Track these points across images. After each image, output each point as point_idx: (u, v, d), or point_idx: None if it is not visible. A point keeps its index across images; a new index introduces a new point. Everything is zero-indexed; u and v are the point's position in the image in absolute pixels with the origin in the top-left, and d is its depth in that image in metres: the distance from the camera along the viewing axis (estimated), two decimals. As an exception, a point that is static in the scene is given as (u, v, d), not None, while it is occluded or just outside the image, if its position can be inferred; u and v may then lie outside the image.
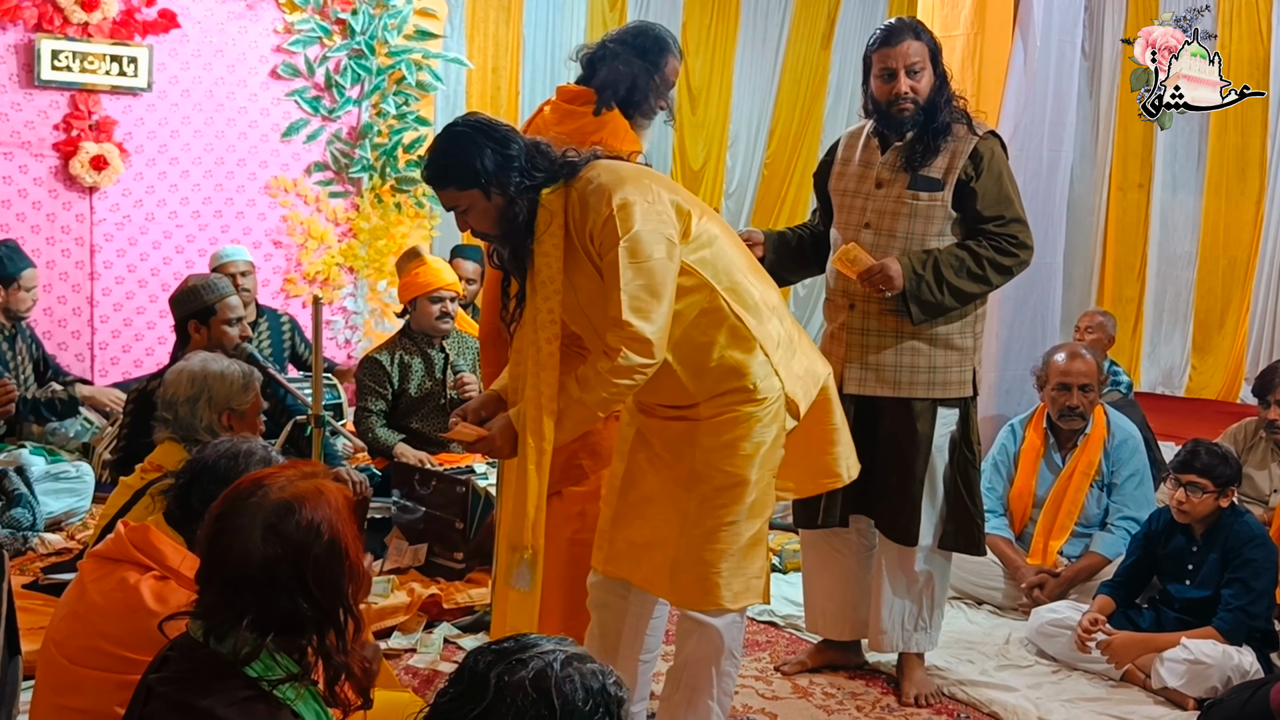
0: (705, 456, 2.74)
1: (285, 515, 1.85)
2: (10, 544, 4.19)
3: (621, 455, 2.95)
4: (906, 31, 3.46)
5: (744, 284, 2.75)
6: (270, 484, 1.89)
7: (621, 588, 2.95)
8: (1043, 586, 4.21)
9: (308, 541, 1.84)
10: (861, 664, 3.81)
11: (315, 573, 1.84)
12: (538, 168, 2.64)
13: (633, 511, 2.88)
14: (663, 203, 2.64)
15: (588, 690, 1.61)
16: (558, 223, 2.65)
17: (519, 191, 2.62)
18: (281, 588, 1.83)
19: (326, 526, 1.86)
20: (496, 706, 1.58)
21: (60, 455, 4.96)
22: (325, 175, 6.81)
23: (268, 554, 1.83)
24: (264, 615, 1.82)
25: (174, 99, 6.37)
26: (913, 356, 3.47)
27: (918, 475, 3.51)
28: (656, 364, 2.60)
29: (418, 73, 6.92)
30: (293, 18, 6.59)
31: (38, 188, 6.12)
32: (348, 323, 6.95)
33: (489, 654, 1.65)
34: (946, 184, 3.44)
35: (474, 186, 2.62)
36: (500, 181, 2.61)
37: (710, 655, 2.82)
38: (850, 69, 9.44)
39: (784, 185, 9.96)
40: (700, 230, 2.70)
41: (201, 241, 6.50)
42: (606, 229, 2.58)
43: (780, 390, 2.75)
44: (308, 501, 1.87)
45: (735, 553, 2.74)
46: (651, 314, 2.56)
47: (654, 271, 2.57)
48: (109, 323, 6.35)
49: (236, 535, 1.84)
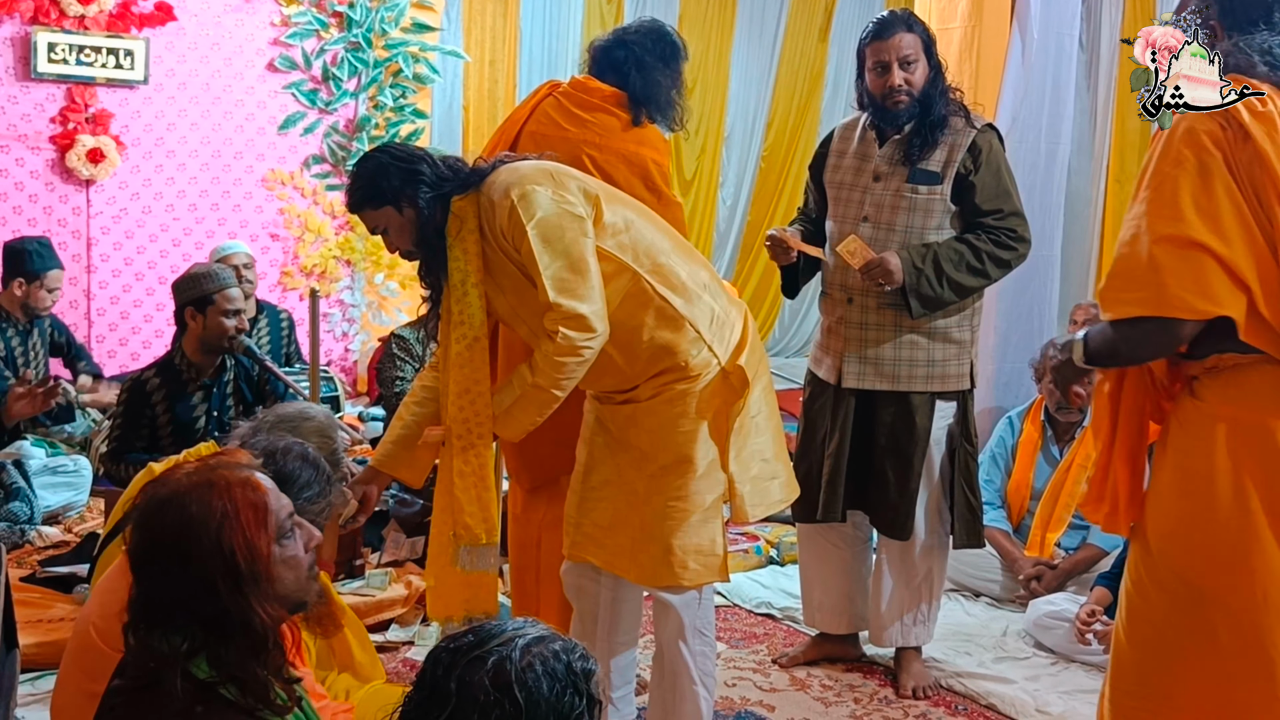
0: (649, 437, 2.83)
1: (160, 509, 1.75)
2: (8, 537, 4.18)
3: (584, 441, 3.02)
4: (899, 24, 3.46)
5: (668, 265, 2.81)
6: (168, 475, 1.81)
7: (592, 570, 3.01)
8: (1040, 579, 4.21)
9: (176, 538, 1.73)
10: (859, 656, 3.82)
11: (187, 570, 1.72)
12: (444, 179, 2.76)
13: (594, 495, 2.96)
14: (565, 187, 2.72)
15: (551, 675, 1.57)
16: (469, 227, 2.76)
17: (427, 202, 2.74)
18: (158, 585, 1.74)
19: (200, 523, 1.73)
20: (461, 711, 1.54)
21: (60, 448, 4.96)
22: (322, 168, 6.81)
23: (139, 549, 1.76)
24: (165, 613, 1.73)
25: (171, 92, 6.36)
26: (911, 350, 3.47)
27: (916, 468, 3.51)
28: (599, 337, 2.67)
29: (415, 65, 6.92)
30: (290, 10, 6.58)
31: (34, 181, 6.11)
32: (345, 315, 6.95)
33: (446, 655, 1.60)
34: (945, 177, 3.43)
35: (386, 204, 2.76)
36: (408, 195, 2.74)
37: (676, 634, 2.89)
38: (847, 62, 9.43)
39: (781, 178, 9.96)
40: (614, 216, 2.77)
41: (199, 235, 6.49)
42: (512, 220, 2.67)
43: (716, 364, 2.82)
44: (189, 495, 1.75)
45: (686, 529, 2.81)
46: (578, 290, 2.64)
47: (569, 250, 2.66)
48: (106, 315, 6.34)
49: (135, 528, 1.78)
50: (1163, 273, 2.12)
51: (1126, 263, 2.18)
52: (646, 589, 2.96)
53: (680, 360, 2.80)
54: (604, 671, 2.97)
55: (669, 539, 2.82)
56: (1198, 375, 2.25)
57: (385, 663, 3.50)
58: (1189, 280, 2.11)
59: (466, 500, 2.80)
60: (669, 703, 2.95)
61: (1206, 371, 2.23)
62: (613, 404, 2.92)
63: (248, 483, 1.79)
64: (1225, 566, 2.18)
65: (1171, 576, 2.25)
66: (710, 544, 2.85)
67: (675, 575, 2.83)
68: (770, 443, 2.95)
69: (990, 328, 4.93)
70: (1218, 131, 2.13)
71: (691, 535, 2.83)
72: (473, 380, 2.79)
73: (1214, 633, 2.19)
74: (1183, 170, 2.14)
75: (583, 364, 2.70)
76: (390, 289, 6.96)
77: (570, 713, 1.58)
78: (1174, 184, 2.14)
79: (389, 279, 6.95)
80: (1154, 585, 2.28)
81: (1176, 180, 2.14)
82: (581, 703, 1.60)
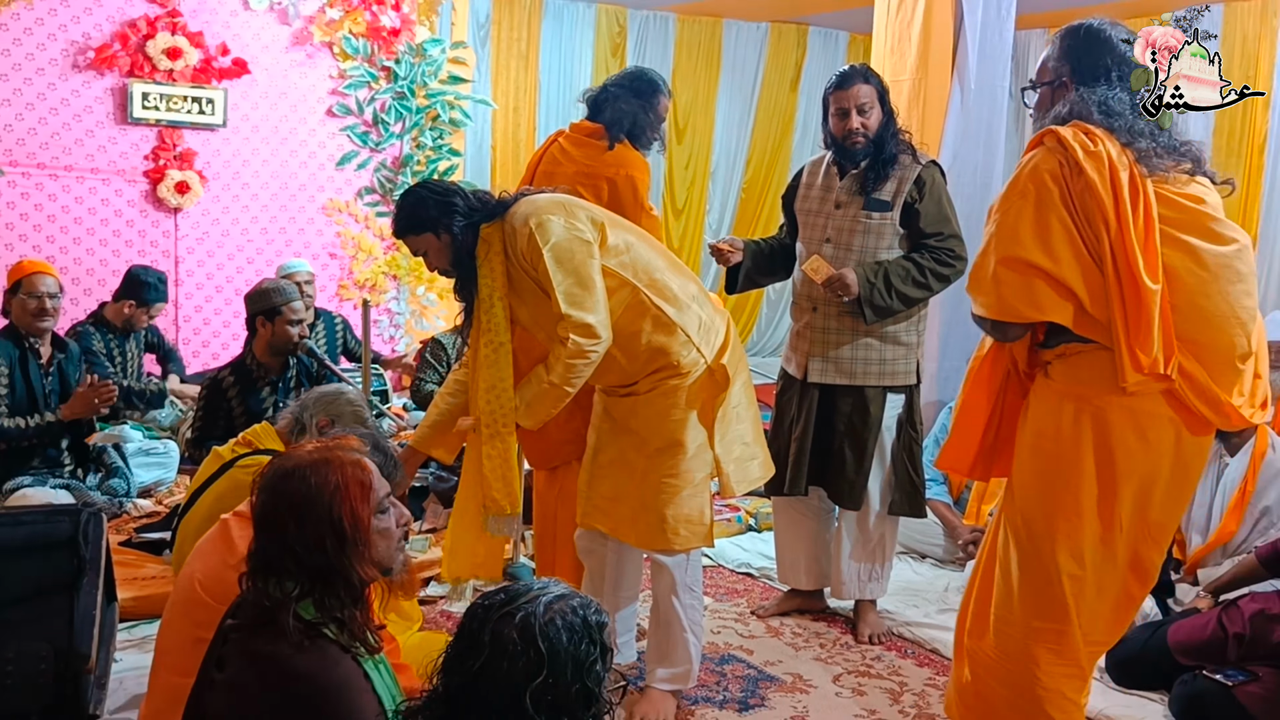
0: (646, 424, 2.86)
1: (285, 478, 1.80)
2: (108, 508, 4.19)
3: (594, 427, 3.05)
4: (857, 76, 3.46)
5: (662, 280, 2.83)
6: (295, 452, 1.86)
7: (600, 536, 3.03)
8: (976, 543, 4.21)
9: (296, 503, 1.78)
10: (824, 609, 3.82)
11: (303, 530, 1.77)
12: (474, 210, 2.77)
13: (602, 472, 2.97)
14: (575, 216, 2.74)
15: (570, 628, 1.58)
16: (494, 250, 2.77)
17: (460, 230, 2.75)
18: (276, 541, 1.78)
19: (329, 491, 1.78)
20: (494, 659, 1.56)
21: (154, 433, 4.97)
22: (373, 198, 6.80)
23: (264, 510, 1.80)
24: (280, 564, 1.77)
25: (245, 134, 6.36)
26: (866, 351, 3.47)
27: (870, 451, 3.51)
28: (603, 343, 2.69)
29: (450, 112, 6.91)
30: (345, 65, 6.58)
31: (130, 209, 6.11)
32: (392, 322, 6.94)
33: (481, 611, 1.61)
34: (895, 205, 3.43)
35: (426, 231, 2.78)
36: (444, 224, 2.75)
37: (669, 590, 2.91)
38: (815, 108, 9.43)
39: (759, 205, 9.96)
40: (616, 240, 2.79)
41: (269, 254, 6.49)
42: (530, 244, 2.69)
43: (703, 363, 2.83)
44: (311, 469, 1.80)
45: (678, 501, 2.83)
46: (585, 303, 2.66)
47: (578, 270, 2.67)
48: (190, 322, 6.34)
49: (261, 493, 1.82)
50: (1001, 286, 2.27)
51: (978, 273, 2.34)
52: (645, 551, 2.98)
53: (673, 360, 2.81)
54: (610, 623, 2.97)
55: (663, 509, 2.84)
56: (1050, 360, 2.39)
57: (425, 613, 3.52)
58: (1022, 293, 2.25)
59: (494, 479, 2.80)
60: (664, 647, 2.96)
61: (1057, 357, 2.36)
62: (616, 396, 2.93)
63: (358, 464, 1.84)
64: (1059, 510, 2.33)
65: (1019, 517, 2.39)
66: (699, 514, 2.87)
67: (668, 540, 2.85)
68: (750, 429, 2.95)
69: (933, 332, 4.92)
70: (1057, 169, 2.24)
71: (683, 506, 2.84)
72: (498, 378, 2.79)
73: (1051, 558, 2.33)
74: (1025, 201, 2.26)
75: (590, 365, 2.70)
76: (430, 299, 6.96)
77: (586, 659, 1.59)
78: (1017, 212, 2.26)
79: (429, 291, 6.95)
80: (1010, 526, 2.42)
81: (1020, 210, 2.26)
82: (595, 650, 1.61)
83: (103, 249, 6.04)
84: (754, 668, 3.34)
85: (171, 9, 6.01)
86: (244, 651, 1.78)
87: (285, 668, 1.72)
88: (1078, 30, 2.38)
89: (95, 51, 5.87)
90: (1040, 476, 2.36)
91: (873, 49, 5.24)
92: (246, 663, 1.77)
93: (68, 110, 5.89)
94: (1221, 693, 2.88)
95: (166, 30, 5.98)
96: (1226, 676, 2.91)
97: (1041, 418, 2.37)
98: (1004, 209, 2.30)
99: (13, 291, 4.28)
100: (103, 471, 4.45)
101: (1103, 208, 2.20)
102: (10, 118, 5.78)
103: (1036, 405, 2.40)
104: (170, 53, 5.98)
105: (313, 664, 1.73)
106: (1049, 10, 9.27)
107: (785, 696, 3.16)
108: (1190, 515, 3.99)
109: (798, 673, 3.32)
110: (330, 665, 1.75)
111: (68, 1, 5.84)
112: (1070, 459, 2.31)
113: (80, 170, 5.97)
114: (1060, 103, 2.35)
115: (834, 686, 3.25)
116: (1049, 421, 2.35)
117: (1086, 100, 2.29)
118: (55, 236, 5.95)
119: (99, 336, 5.15)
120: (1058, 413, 2.33)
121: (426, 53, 6.74)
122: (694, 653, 2.96)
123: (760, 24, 9.74)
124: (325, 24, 6.49)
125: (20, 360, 4.19)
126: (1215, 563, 3.87)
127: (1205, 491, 3.99)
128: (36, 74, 5.81)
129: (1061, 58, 2.38)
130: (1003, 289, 2.27)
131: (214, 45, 6.14)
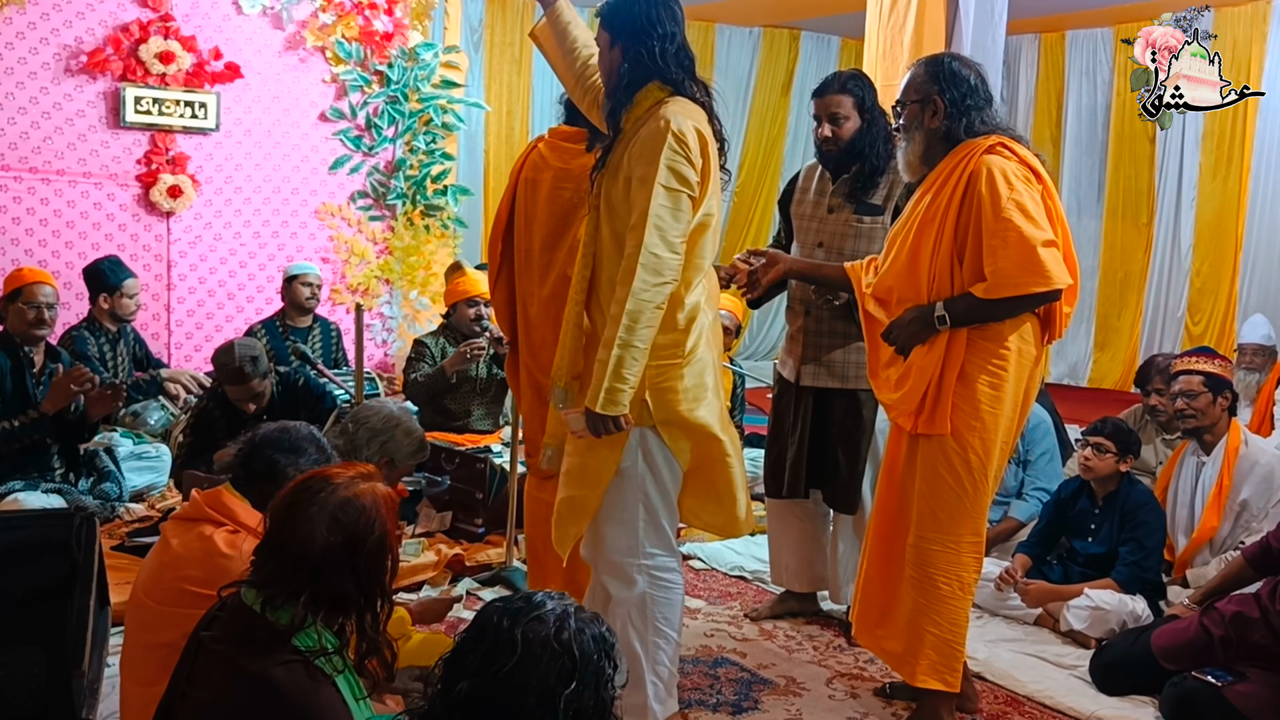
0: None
1: (348, 510, 1.84)
2: (101, 513, 4.18)
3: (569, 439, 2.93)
4: (834, 85, 3.46)
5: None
6: (337, 481, 1.88)
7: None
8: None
9: (364, 534, 1.83)
10: (817, 611, 3.82)
11: (366, 562, 1.84)
12: (665, 59, 2.60)
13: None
14: (700, 154, 2.56)
15: (596, 640, 1.61)
16: (635, 114, 2.62)
17: (632, 60, 2.59)
18: (336, 571, 1.81)
19: (379, 524, 1.86)
20: (525, 661, 1.56)
21: (144, 439, 4.96)
22: (366, 202, 6.80)
23: (330, 541, 1.81)
24: (318, 593, 1.80)
25: (238, 138, 6.35)
26: (858, 355, 3.47)
27: (862, 453, 3.51)
28: (670, 282, 2.51)
29: (443, 115, 6.91)
30: (338, 69, 6.58)
31: (123, 213, 6.10)
32: (384, 326, 6.94)
33: (506, 613, 1.62)
34: (886, 210, 3.45)
35: (612, 32, 2.63)
36: (631, 41, 2.59)
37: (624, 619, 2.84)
38: (806, 113, 9.42)
39: (751, 210, 9.97)
40: (705, 209, 2.61)
41: (262, 258, 6.49)
42: (653, 141, 2.51)
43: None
44: (366, 500, 1.86)
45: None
46: (670, 238, 2.50)
47: (679, 201, 2.52)
48: (183, 326, 6.34)
49: (304, 522, 1.82)
50: (1046, 263, 2.67)
51: (1022, 259, 2.66)
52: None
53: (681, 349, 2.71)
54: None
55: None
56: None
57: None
58: (1056, 266, 2.68)
59: (559, 356, 2.76)
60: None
61: (1004, 324, 2.77)
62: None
63: (390, 497, 1.93)
64: (993, 444, 2.78)
65: (959, 456, 2.78)
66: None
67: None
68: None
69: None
70: (1029, 173, 2.71)
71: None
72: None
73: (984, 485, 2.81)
74: (1030, 198, 2.69)
75: (658, 308, 2.52)
76: (422, 303, 6.95)
77: (602, 673, 1.62)
78: (1034, 205, 2.68)
79: (422, 295, 6.95)
80: (945, 464, 2.80)
81: (1035, 203, 2.69)
82: (610, 668, 1.64)
83: (95, 253, 6.01)
84: (747, 671, 3.34)
85: (164, 13, 6.02)
86: (226, 667, 1.78)
87: (272, 687, 1.73)
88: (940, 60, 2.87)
89: (88, 56, 5.87)
90: (986, 417, 2.82)
91: (865, 54, 5.25)
92: (230, 679, 1.76)
93: (60, 114, 5.89)
94: (1211, 693, 2.91)
95: (159, 34, 5.98)
96: (1216, 677, 2.94)
97: (993, 371, 2.81)
98: (1019, 206, 2.64)
99: (10, 299, 4.29)
100: (95, 476, 4.44)
101: (1054, 204, 2.74)
102: (2, 122, 5.78)
103: (982, 361, 2.82)
104: (163, 57, 5.97)
105: (300, 685, 1.75)
106: (1040, 15, 9.30)
107: (778, 699, 3.16)
108: (1174, 517, 4.02)
109: (791, 676, 3.33)
110: (315, 688, 1.76)
111: (60, 6, 5.84)
112: (1010, 406, 2.85)
113: (73, 174, 5.96)
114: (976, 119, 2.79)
115: (827, 689, 3.25)
116: (998, 375, 2.82)
117: (990, 120, 2.79)
118: (48, 241, 5.94)
119: (93, 340, 5.15)
120: (1003, 367, 2.82)
121: (419, 57, 6.75)
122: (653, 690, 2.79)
123: (753, 29, 9.77)
124: (318, 28, 6.49)
125: (13, 368, 4.19)
126: (1203, 561, 3.90)
127: (1186, 492, 4.02)
128: (29, 78, 5.81)
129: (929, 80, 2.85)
130: (1053, 265, 2.65)
131: (207, 49, 6.14)
